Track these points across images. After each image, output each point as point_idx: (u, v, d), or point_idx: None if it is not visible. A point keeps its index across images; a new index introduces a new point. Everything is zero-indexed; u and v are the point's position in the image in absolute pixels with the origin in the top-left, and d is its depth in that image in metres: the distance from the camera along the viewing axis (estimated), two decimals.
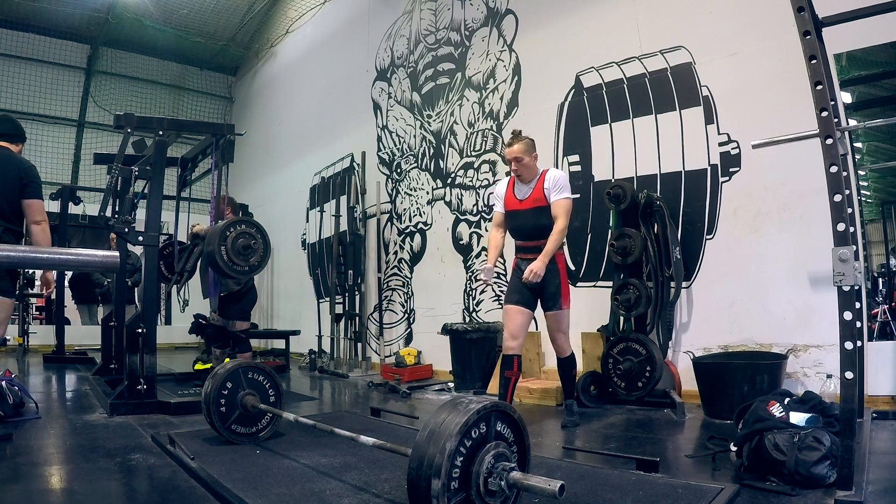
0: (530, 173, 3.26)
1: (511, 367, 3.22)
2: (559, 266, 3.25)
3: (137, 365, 3.85)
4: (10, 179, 3.03)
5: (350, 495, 2.10)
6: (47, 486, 2.32)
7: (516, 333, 3.25)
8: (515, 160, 3.21)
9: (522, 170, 3.24)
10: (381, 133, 6.92)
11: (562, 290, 3.24)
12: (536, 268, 3.08)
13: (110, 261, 3.33)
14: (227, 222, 4.02)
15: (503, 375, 3.17)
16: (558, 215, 3.15)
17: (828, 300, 3.23)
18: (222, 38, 10.27)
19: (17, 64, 9.18)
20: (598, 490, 2.11)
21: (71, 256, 3.43)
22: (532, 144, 3.24)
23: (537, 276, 3.08)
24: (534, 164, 3.26)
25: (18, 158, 3.18)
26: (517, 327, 3.25)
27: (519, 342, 3.27)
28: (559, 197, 3.17)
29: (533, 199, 3.22)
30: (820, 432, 2.14)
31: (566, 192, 3.19)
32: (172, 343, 9.34)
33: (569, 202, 3.20)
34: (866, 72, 3.70)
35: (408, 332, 6.30)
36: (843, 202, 2.01)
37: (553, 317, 3.28)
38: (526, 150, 3.21)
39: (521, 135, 3.27)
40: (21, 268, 3.67)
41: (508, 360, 3.22)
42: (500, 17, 5.59)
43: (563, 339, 3.34)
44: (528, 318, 3.30)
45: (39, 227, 3.11)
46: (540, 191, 3.21)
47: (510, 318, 3.27)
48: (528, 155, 3.21)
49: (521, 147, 3.20)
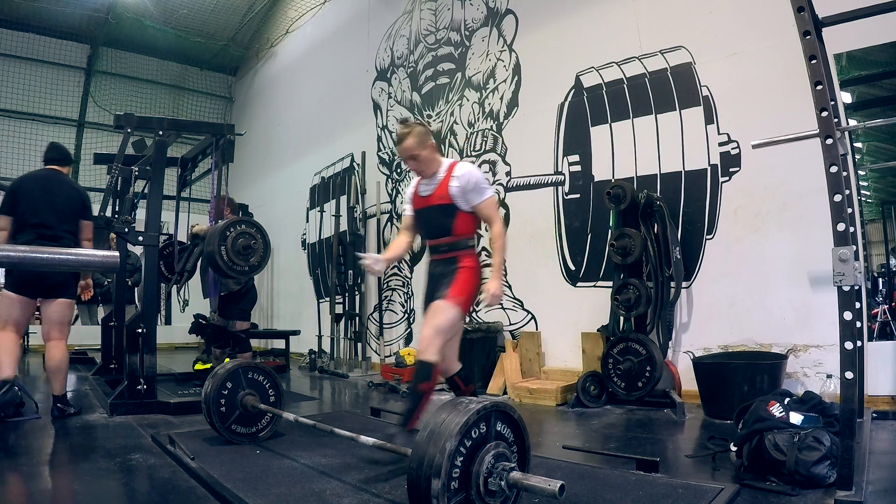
0: (430, 167, 2.77)
1: (458, 389, 2.85)
2: (464, 265, 2.74)
3: (137, 365, 3.85)
4: (74, 200, 3.75)
5: (350, 495, 2.10)
6: (47, 486, 2.32)
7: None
8: (410, 158, 2.75)
9: (420, 167, 2.77)
10: (381, 133, 6.92)
11: (455, 285, 2.67)
12: (494, 288, 2.64)
13: (110, 261, 3.34)
14: (227, 222, 4.02)
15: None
16: (489, 219, 2.75)
17: (828, 300, 3.23)
18: (222, 38, 10.27)
19: (17, 64, 9.18)
20: (598, 490, 2.11)
21: (71, 256, 3.45)
22: (425, 133, 2.75)
23: (498, 299, 2.69)
24: (433, 156, 2.77)
25: (77, 185, 3.94)
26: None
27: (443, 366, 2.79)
28: (481, 200, 2.72)
29: (437, 195, 2.75)
30: (820, 432, 2.14)
31: (486, 192, 2.74)
32: (172, 343, 9.34)
33: (493, 200, 2.78)
34: (866, 72, 3.70)
35: (408, 332, 6.30)
36: (843, 202, 2.01)
37: (434, 306, 2.66)
38: (419, 142, 2.71)
39: (411, 122, 2.78)
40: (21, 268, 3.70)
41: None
42: (500, 17, 5.58)
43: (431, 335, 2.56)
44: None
45: (91, 243, 3.80)
46: (445, 188, 2.73)
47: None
48: (422, 148, 2.72)
49: (413, 141, 2.70)
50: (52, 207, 3.62)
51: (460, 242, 2.76)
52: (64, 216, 3.66)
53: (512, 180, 5.32)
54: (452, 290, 2.65)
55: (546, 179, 5.03)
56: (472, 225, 2.78)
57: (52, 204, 3.63)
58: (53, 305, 3.67)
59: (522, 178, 5.24)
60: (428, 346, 2.55)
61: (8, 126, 9.05)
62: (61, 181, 3.80)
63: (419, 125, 2.77)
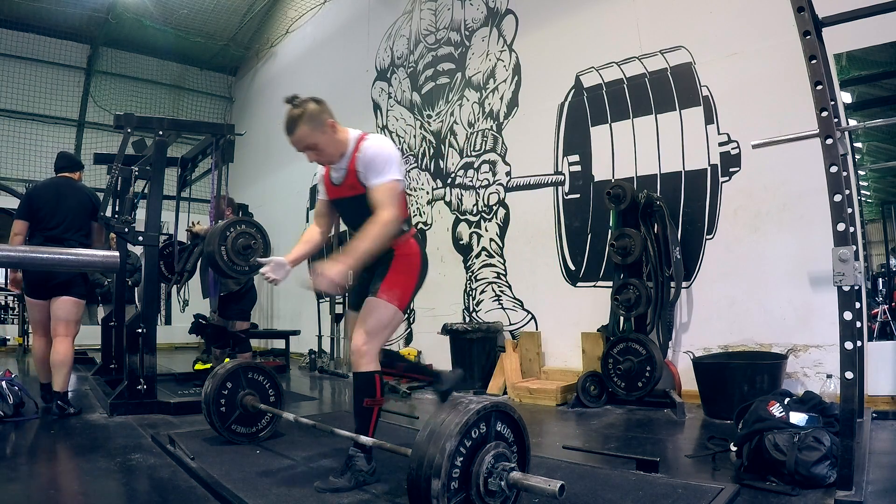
0: (334, 150, 2.29)
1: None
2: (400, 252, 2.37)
3: (137, 365, 3.85)
4: (85, 204, 3.89)
5: (350, 495, 2.10)
6: (47, 486, 2.32)
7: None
8: (307, 149, 2.28)
9: (323, 156, 2.30)
10: (381, 133, 6.92)
11: (389, 277, 2.32)
12: (328, 269, 2.01)
13: (110, 261, 3.34)
14: (227, 222, 4.01)
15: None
16: (380, 205, 2.17)
17: (828, 300, 3.23)
18: (222, 38, 10.26)
19: (17, 64, 9.17)
20: (598, 490, 2.11)
21: (71, 256, 3.46)
22: (317, 113, 2.22)
23: (326, 283, 2.02)
24: (332, 138, 2.27)
25: (87, 188, 4.03)
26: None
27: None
28: (378, 181, 2.20)
29: (348, 185, 2.32)
30: (820, 432, 2.14)
31: (389, 173, 2.21)
32: (172, 343, 9.34)
33: (391, 185, 2.21)
34: (866, 72, 3.70)
35: (408, 331, 6.30)
36: (843, 202, 2.01)
37: (365, 304, 2.30)
38: (312, 129, 2.22)
39: (300, 101, 2.24)
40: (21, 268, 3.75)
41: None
42: (500, 17, 5.58)
43: (362, 341, 2.21)
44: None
45: (100, 244, 3.98)
46: (354, 174, 2.28)
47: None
48: (320, 132, 2.23)
49: (306, 129, 2.21)
50: (62, 213, 3.77)
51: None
52: (73, 221, 3.80)
53: (512, 180, 5.32)
54: (386, 284, 2.29)
55: (546, 179, 5.03)
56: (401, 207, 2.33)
57: (63, 210, 3.78)
58: (58, 303, 3.73)
59: (522, 178, 5.24)
60: (361, 357, 2.20)
61: (8, 126, 9.05)
62: (73, 187, 3.93)
63: (311, 101, 2.24)
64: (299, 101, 2.24)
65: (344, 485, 2.16)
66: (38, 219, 3.74)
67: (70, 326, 3.75)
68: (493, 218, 5.47)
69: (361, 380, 2.22)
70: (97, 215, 3.87)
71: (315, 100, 2.26)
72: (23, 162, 8.98)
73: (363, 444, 2.14)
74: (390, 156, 2.24)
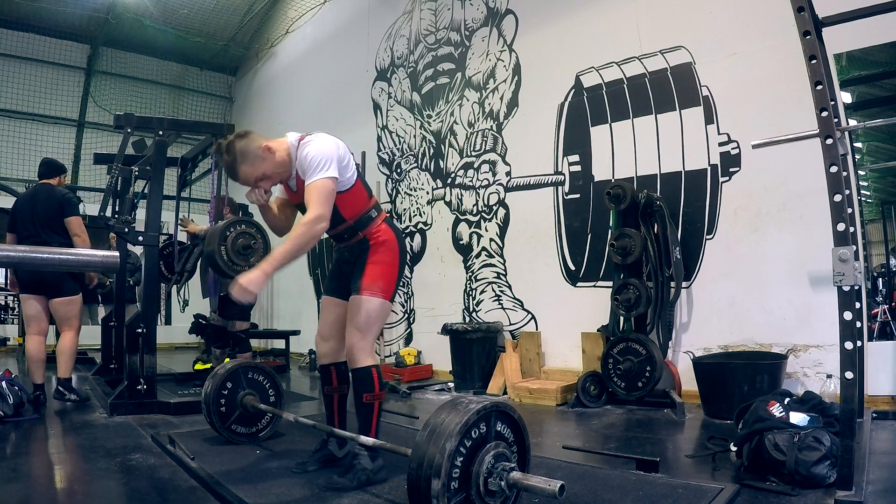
0: (283, 169, 2.29)
1: (329, 380, 2.48)
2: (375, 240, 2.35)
3: (137, 365, 3.86)
4: (53, 207, 3.99)
5: (350, 495, 2.10)
6: (47, 486, 2.32)
7: (326, 334, 2.49)
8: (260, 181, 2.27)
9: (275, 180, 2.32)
10: (381, 133, 6.92)
11: (368, 270, 2.31)
12: (244, 279, 2.01)
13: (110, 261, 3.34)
14: (226, 222, 4.02)
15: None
16: (307, 203, 2.15)
17: (828, 300, 3.23)
18: (222, 38, 10.26)
19: (17, 64, 9.17)
20: (598, 490, 2.11)
21: (71, 256, 3.46)
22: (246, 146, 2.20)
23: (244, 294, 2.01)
24: (274, 161, 2.24)
25: (57, 190, 4.11)
26: (328, 326, 2.50)
27: (331, 346, 2.48)
28: (309, 181, 2.17)
29: (302, 190, 2.27)
30: (820, 432, 2.14)
31: (319, 172, 2.15)
32: (172, 343, 9.33)
33: (320, 184, 2.14)
34: (866, 72, 3.70)
35: (408, 331, 6.30)
36: (843, 202, 2.01)
37: (351, 302, 2.31)
38: (252, 164, 2.20)
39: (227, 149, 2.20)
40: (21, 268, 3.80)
41: (323, 370, 2.49)
42: (500, 17, 5.58)
43: (356, 338, 2.26)
44: (341, 311, 2.45)
45: (80, 238, 4.01)
46: (300, 179, 2.28)
47: (322, 314, 2.54)
48: (259, 165, 2.21)
49: (247, 168, 2.20)
50: (35, 218, 3.97)
51: (360, 221, 2.35)
52: (45, 223, 3.96)
53: (512, 180, 5.32)
54: (367, 279, 2.28)
55: (546, 179, 5.03)
56: (361, 199, 2.35)
57: (35, 215, 3.97)
58: (55, 304, 4.01)
59: (522, 178, 5.24)
60: (357, 353, 2.23)
61: (8, 126, 9.04)
62: (44, 192, 4.08)
63: (235, 138, 2.20)
64: (227, 146, 2.21)
65: (346, 484, 2.16)
66: (18, 228, 4.00)
67: (71, 321, 4.05)
68: (493, 218, 5.47)
69: (359, 375, 2.25)
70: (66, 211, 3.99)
71: (240, 135, 2.23)
72: (23, 162, 8.97)
73: (365, 444, 2.14)
74: (323, 154, 2.18)
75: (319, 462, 2.45)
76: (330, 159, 2.18)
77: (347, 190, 2.29)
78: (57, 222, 3.97)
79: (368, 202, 2.38)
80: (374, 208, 2.39)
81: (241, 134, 2.24)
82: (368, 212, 2.37)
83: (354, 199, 2.33)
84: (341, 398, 2.51)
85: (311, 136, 2.29)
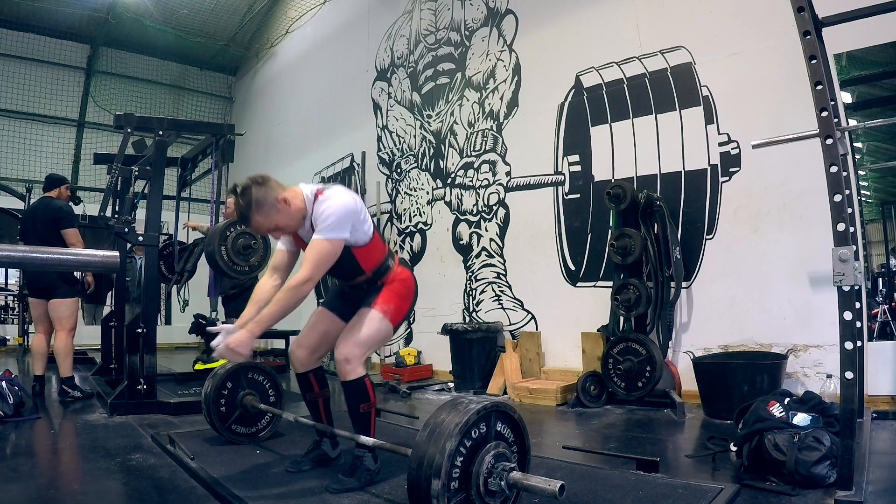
0: (295, 222, 2.22)
1: (310, 388, 2.46)
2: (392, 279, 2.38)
3: (137, 365, 3.85)
4: (48, 218, 4.22)
5: (350, 495, 2.10)
6: (47, 486, 2.32)
7: (307, 344, 2.43)
8: (271, 231, 2.24)
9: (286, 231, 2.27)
10: (381, 133, 6.92)
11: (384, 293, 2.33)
12: (232, 340, 2.04)
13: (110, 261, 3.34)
14: (227, 222, 4.03)
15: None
16: (304, 259, 2.14)
17: (828, 300, 3.23)
18: (222, 38, 10.26)
19: (17, 64, 9.17)
20: (598, 490, 2.11)
21: (71, 256, 3.46)
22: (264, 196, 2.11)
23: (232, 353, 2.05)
24: (288, 213, 2.18)
25: (54, 203, 4.32)
26: (314, 336, 2.43)
27: (308, 355, 2.43)
28: (318, 236, 2.12)
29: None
30: (820, 432, 2.14)
31: (327, 230, 2.11)
32: (172, 343, 9.33)
33: (326, 246, 2.10)
34: (866, 72, 3.71)
35: (408, 332, 6.30)
36: (843, 202, 2.01)
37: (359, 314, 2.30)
38: (266, 214, 2.14)
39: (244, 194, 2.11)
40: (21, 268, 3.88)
41: (302, 379, 2.46)
42: (500, 17, 5.58)
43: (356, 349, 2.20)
44: (334, 328, 2.40)
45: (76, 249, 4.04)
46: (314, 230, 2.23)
47: (311, 323, 2.47)
48: (273, 216, 2.15)
49: (259, 218, 2.14)
50: (35, 231, 4.22)
51: (378, 272, 2.36)
52: (42, 235, 4.18)
53: (512, 180, 5.32)
54: (382, 297, 2.30)
55: (546, 179, 5.03)
56: (378, 250, 2.34)
57: (35, 228, 4.23)
58: (50, 306, 4.23)
59: (522, 178, 5.24)
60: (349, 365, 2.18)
61: (8, 126, 9.05)
62: (43, 206, 4.33)
63: (254, 185, 2.11)
64: (242, 190, 2.12)
65: (355, 484, 2.18)
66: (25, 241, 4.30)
67: (64, 322, 4.23)
68: (493, 218, 5.47)
69: (353, 387, 2.22)
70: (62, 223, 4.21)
71: (257, 181, 2.13)
72: (23, 162, 8.99)
73: (365, 444, 2.15)
74: (342, 214, 2.13)
75: (313, 462, 2.47)
76: (340, 218, 2.13)
77: (366, 244, 2.27)
78: (54, 234, 4.18)
79: (384, 251, 2.38)
80: (389, 257, 2.41)
81: (259, 181, 2.14)
82: (386, 261, 2.38)
83: (372, 252, 2.32)
84: (326, 401, 2.51)
85: (328, 192, 2.21)
